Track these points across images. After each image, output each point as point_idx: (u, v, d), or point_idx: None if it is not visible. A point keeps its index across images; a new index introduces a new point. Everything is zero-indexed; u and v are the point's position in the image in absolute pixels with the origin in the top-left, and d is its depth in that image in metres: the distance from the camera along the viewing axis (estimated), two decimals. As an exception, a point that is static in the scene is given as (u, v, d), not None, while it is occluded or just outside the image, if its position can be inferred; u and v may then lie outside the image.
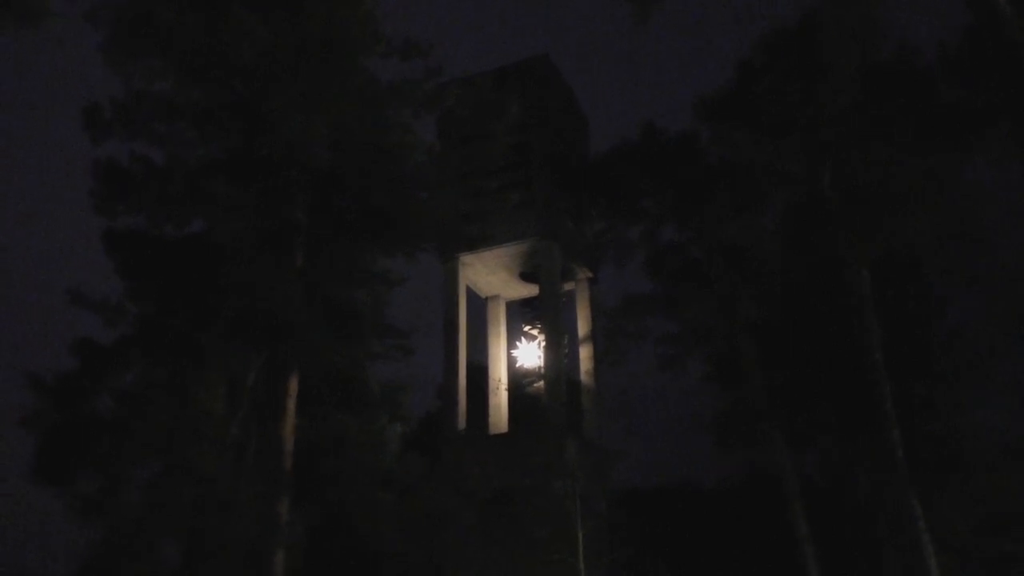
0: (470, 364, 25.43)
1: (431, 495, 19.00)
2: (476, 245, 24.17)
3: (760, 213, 19.92)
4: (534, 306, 25.83)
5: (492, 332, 27.21)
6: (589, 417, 24.25)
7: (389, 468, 18.71)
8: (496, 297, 27.26)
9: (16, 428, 18.37)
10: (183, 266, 17.94)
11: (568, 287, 26.03)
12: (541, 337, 25.20)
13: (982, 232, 17.91)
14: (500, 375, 26.45)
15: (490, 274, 25.88)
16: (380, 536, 18.89)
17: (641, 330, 22.06)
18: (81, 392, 18.23)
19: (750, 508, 22.19)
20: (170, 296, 18.03)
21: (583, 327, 25.92)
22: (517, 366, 26.39)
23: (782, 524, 19.13)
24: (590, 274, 25.97)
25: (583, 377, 25.19)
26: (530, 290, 25.85)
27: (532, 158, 24.31)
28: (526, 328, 26.46)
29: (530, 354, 26.04)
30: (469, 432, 23.80)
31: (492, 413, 25.91)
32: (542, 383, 24.72)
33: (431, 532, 19.55)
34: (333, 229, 17.90)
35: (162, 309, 18.22)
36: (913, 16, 19.83)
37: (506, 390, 26.17)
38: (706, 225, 20.53)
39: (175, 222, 17.87)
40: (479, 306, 27.32)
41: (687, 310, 20.96)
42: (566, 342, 24.47)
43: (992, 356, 19.06)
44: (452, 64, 18.77)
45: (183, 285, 17.90)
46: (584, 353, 25.48)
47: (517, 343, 26.60)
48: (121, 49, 16.03)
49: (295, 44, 16.39)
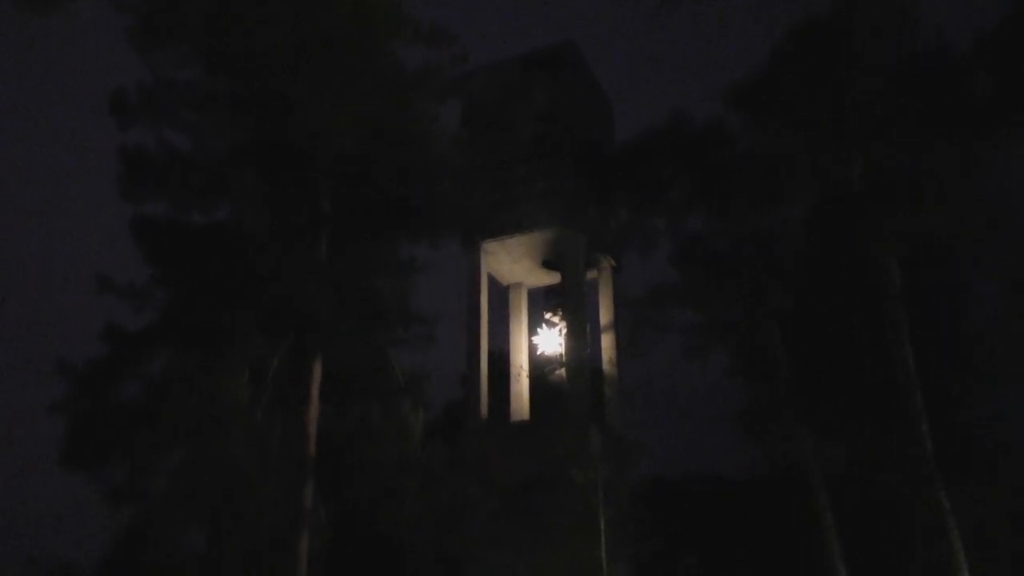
0: (491, 352, 25.41)
1: (454, 483, 19.05)
2: (499, 233, 24.09)
3: (789, 203, 19.67)
4: (556, 294, 25.72)
5: (514, 320, 27.16)
6: (611, 406, 24.16)
7: (412, 455, 18.77)
8: (518, 285, 27.19)
9: (46, 414, 18.62)
10: (209, 253, 18.01)
11: (591, 276, 25.89)
12: (562, 325, 25.10)
13: (1015, 223, 17.62)
14: (521, 363, 26.40)
15: (513, 262, 25.80)
16: (403, 523, 18.98)
17: (665, 321, 21.93)
18: (109, 378, 18.39)
19: (776, 499, 22.06)
20: (196, 283, 18.12)
21: (605, 316, 25.79)
22: (538, 354, 26.33)
23: (809, 516, 19.01)
24: (613, 263, 25.81)
25: (605, 366, 25.08)
26: (552, 278, 25.75)
27: (557, 146, 24.14)
28: (547, 316, 26.35)
29: (551, 341, 25.95)
30: (491, 420, 23.81)
31: (514, 401, 25.90)
32: (563, 371, 24.64)
33: (454, 519, 19.61)
34: (358, 217, 17.89)
35: (188, 296, 18.32)
36: (948, 4, 19.44)
37: (527, 378, 26.12)
38: (733, 215, 20.32)
39: (201, 209, 17.93)
40: (501, 294, 27.27)
41: (712, 301, 20.79)
42: (588, 331, 24.36)
43: (1024, 348, 18.80)
44: (477, 51, 18.62)
45: (209, 272, 17.97)
46: (606, 342, 25.37)
47: (538, 330, 26.52)
48: (147, 35, 16.03)
49: (321, 32, 16.33)
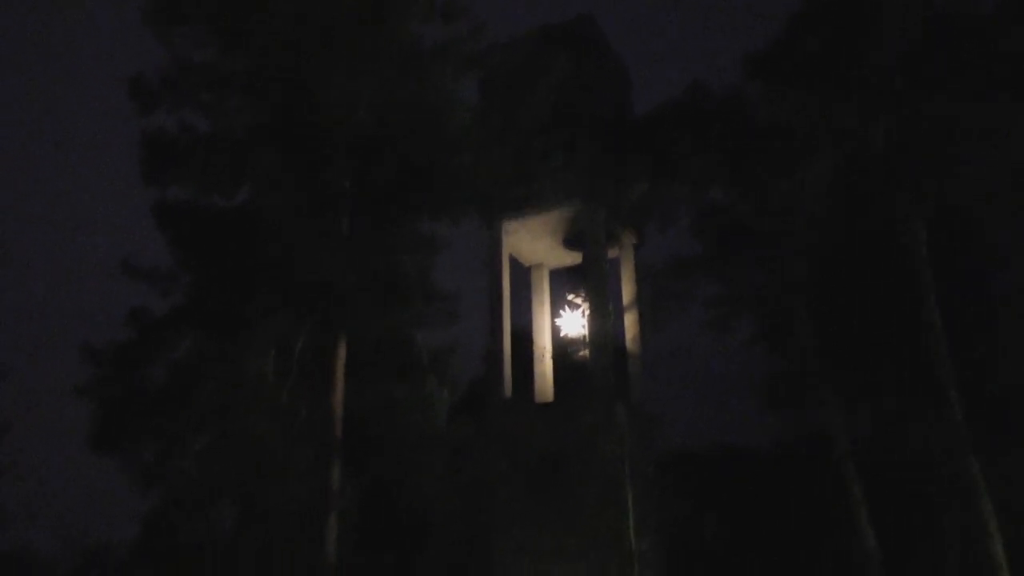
0: (514, 332, 25.36)
1: (479, 459, 19.10)
2: (520, 210, 23.95)
3: (811, 169, 19.40)
4: (578, 273, 25.62)
5: (536, 300, 27.08)
6: (635, 382, 24.06)
7: (437, 432, 18.83)
8: (540, 266, 27.09)
9: (72, 398, 18.88)
10: (231, 235, 18.13)
11: (612, 253, 25.74)
12: (585, 305, 25.00)
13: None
14: (545, 343, 26.35)
15: (534, 241, 25.69)
16: (429, 499, 19.07)
17: (688, 293, 21.77)
18: (136, 362, 18.63)
19: (801, 468, 21.91)
20: (219, 265, 18.26)
21: (628, 293, 25.62)
22: (562, 335, 26.27)
23: (835, 484, 18.87)
24: (635, 239, 25.63)
25: (628, 344, 24.96)
26: (574, 258, 25.62)
27: (576, 120, 23.94)
28: (570, 296, 26.27)
29: (574, 323, 25.87)
30: (515, 399, 23.79)
31: (538, 381, 25.85)
32: (587, 351, 24.56)
33: (480, 496, 19.67)
34: (378, 194, 17.90)
35: (212, 279, 18.47)
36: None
37: (551, 359, 26.08)
38: (755, 183, 20.09)
39: (222, 192, 18.03)
40: (522, 275, 27.20)
41: (736, 270, 20.61)
42: (611, 308, 24.24)
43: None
44: (494, 26, 18.46)
45: (232, 254, 18.10)
46: (629, 319, 25.21)
47: (561, 312, 26.44)
48: (163, 16, 16.11)
49: (337, 9, 16.32)
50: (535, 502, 20.06)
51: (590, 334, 24.09)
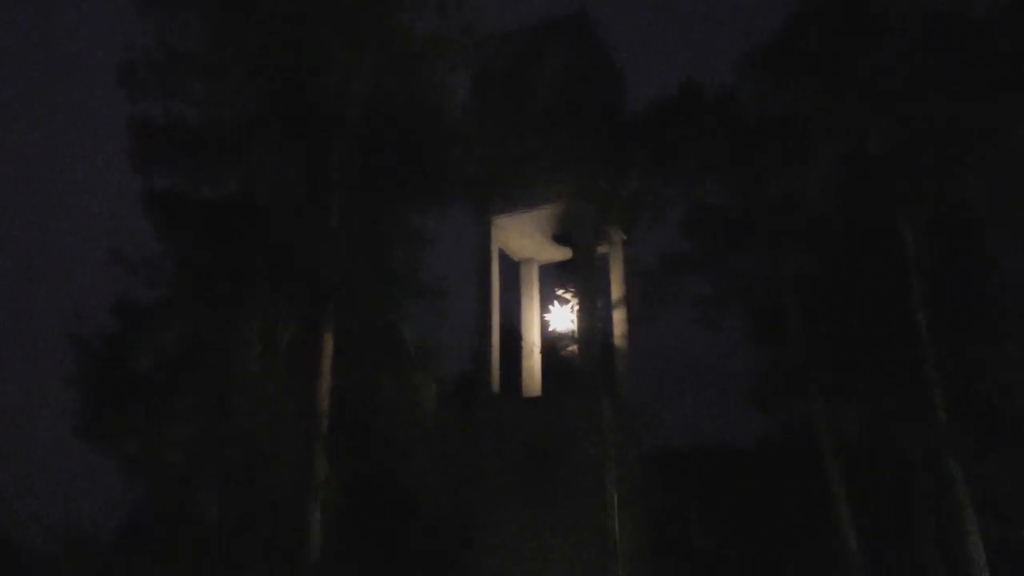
0: (503, 327, 25.36)
1: (466, 453, 19.14)
2: (510, 205, 23.94)
3: (806, 167, 19.44)
4: (568, 269, 25.64)
5: (525, 296, 27.09)
6: (623, 379, 24.13)
7: (424, 426, 18.85)
8: (529, 261, 27.09)
9: (60, 386, 18.81)
10: (219, 225, 18.06)
11: (602, 250, 25.78)
12: (574, 301, 25.04)
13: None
14: (533, 339, 26.37)
15: (523, 236, 25.69)
16: (416, 494, 19.11)
17: (677, 290, 21.81)
18: (123, 351, 18.56)
19: (786, 467, 22.02)
20: (207, 255, 18.19)
21: (616, 290, 25.66)
22: (550, 330, 26.30)
23: (819, 484, 18.97)
24: (624, 236, 25.66)
25: (617, 340, 25.01)
26: (563, 253, 25.64)
27: (568, 116, 23.92)
28: (559, 292, 26.30)
29: (563, 318, 25.90)
30: (503, 394, 23.82)
31: (525, 376, 25.87)
32: (575, 347, 24.62)
33: (465, 490, 19.71)
34: (368, 186, 17.87)
35: (200, 268, 18.40)
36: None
37: (539, 354, 26.11)
38: (748, 182, 20.12)
39: (212, 181, 17.98)
40: (512, 270, 27.20)
41: (726, 268, 20.66)
42: (600, 304, 24.28)
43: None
44: (488, 19, 18.43)
45: (220, 244, 18.03)
46: (617, 316, 25.25)
47: (550, 307, 26.47)
48: (155, 3, 16.01)
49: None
50: (521, 497, 20.10)
51: (579, 330, 24.14)
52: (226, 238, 18.23)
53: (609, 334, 24.93)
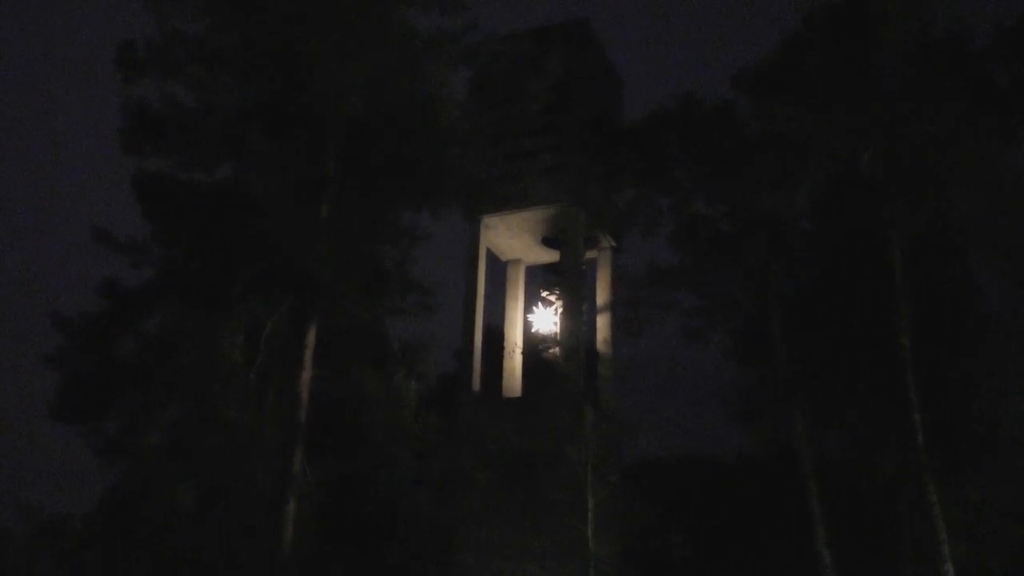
0: (488, 328, 25.36)
1: (446, 453, 19.10)
2: (501, 207, 23.95)
3: (797, 186, 19.58)
4: (555, 272, 25.66)
5: (510, 296, 27.09)
6: (605, 386, 24.17)
7: (405, 424, 18.79)
8: (517, 261, 27.10)
9: (38, 366, 18.59)
10: (210, 212, 17.93)
11: (590, 255, 25.83)
12: (558, 303, 25.07)
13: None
14: (516, 339, 26.37)
15: (512, 237, 25.71)
16: (393, 491, 19.05)
17: (664, 301, 21.88)
18: (106, 334, 18.39)
19: (766, 484, 22.16)
20: (196, 241, 18.05)
21: (602, 296, 25.73)
22: (533, 331, 26.31)
23: (798, 500, 19.10)
24: (614, 243, 25.74)
25: (600, 346, 25.05)
26: (551, 256, 25.66)
27: (564, 122, 23.97)
28: (544, 294, 26.31)
29: (546, 320, 25.92)
30: (484, 394, 23.81)
31: (507, 377, 25.89)
32: (557, 350, 24.64)
33: (444, 490, 19.68)
34: (362, 180, 17.78)
35: (187, 254, 18.26)
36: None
37: (521, 355, 26.11)
38: (740, 197, 20.23)
39: (204, 167, 17.82)
40: (499, 270, 27.19)
41: (713, 282, 20.75)
42: (584, 310, 24.32)
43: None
44: (490, 21, 18.45)
45: (209, 231, 17.90)
46: (602, 322, 25.32)
47: (534, 308, 26.48)
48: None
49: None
50: (499, 499, 20.07)
51: (562, 333, 24.19)
52: (215, 224, 18.09)
53: (592, 340, 24.99)
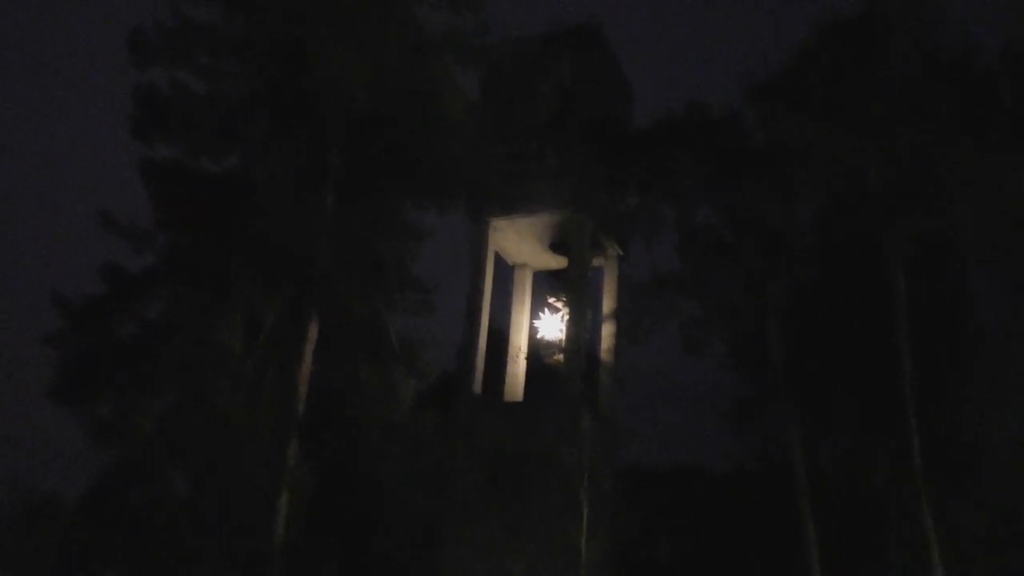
0: (491, 330, 25.29)
1: (441, 451, 19.04)
2: (508, 210, 23.93)
3: (801, 197, 19.48)
4: (561, 278, 25.60)
5: (516, 300, 27.04)
6: (605, 393, 24.06)
7: (401, 420, 18.76)
8: (524, 266, 27.06)
9: (37, 347, 18.68)
10: (215, 200, 18.00)
11: (596, 262, 25.76)
12: (564, 310, 24.99)
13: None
14: (520, 344, 26.30)
15: (520, 241, 25.67)
16: (387, 487, 19.00)
17: (667, 310, 21.76)
18: (106, 316, 18.46)
19: (759, 495, 21.95)
20: (200, 228, 18.12)
21: (608, 304, 25.64)
22: (538, 337, 26.24)
23: (791, 514, 18.91)
24: (620, 251, 25.66)
25: (603, 354, 24.95)
26: (558, 262, 25.60)
27: (573, 126, 23.92)
28: (550, 300, 26.26)
29: (552, 326, 25.84)
30: (484, 396, 23.75)
31: (509, 381, 25.81)
32: (561, 356, 24.55)
33: (437, 488, 19.61)
34: (366, 174, 17.83)
35: (191, 241, 18.33)
36: (977, 14, 19.25)
37: (525, 359, 26.03)
38: (742, 205, 20.14)
39: (212, 155, 17.91)
40: (506, 273, 27.15)
41: (714, 290, 20.64)
42: (589, 317, 24.24)
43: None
44: (501, 21, 18.45)
45: (213, 218, 17.96)
46: (606, 330, 25.22)
47: (540, 314, 26.41)
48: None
49: (345, -16, 16.25)
50: (492, 500, 20.00)
51: (566, 339, 24.08)
52: (220, 213, 18.17)
53: (596, 347, 24.90)
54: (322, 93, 16.86)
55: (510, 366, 25.98)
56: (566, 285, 24.72)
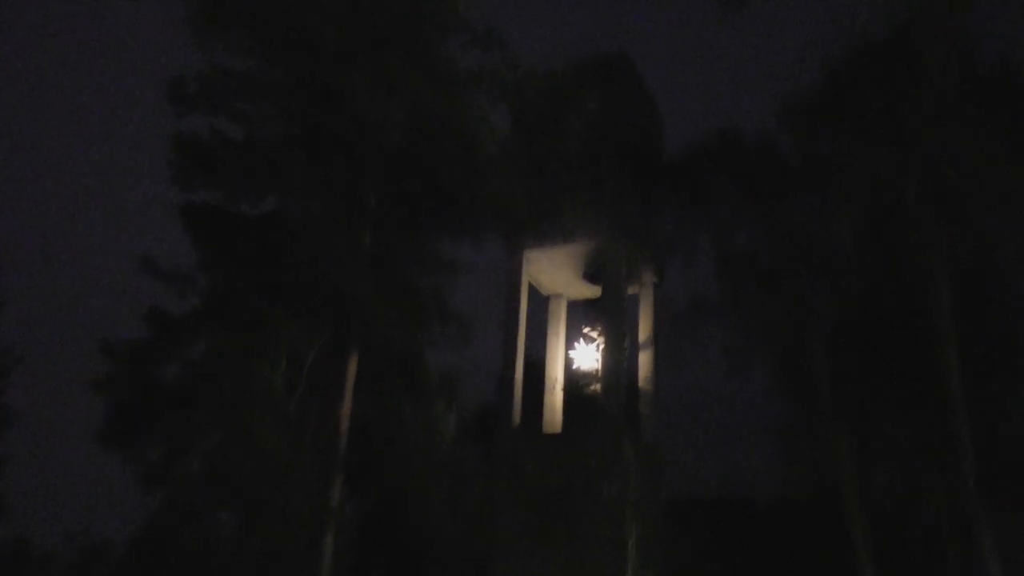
0: (528, 361, 25.23)
1: (484, 486, 18.95)
2: (543, 240, 23.98)
3: (839, 217, 19.29)
4: (596, 307, 25.52)
5: (552, 331, 26.97)
6: (646, 423, 23.82)
7: (443, 455, 18.74)
8: (558, 296, 27.03)
9: (86, 392, 19.00)
10: (255, 242, 18.32)
11: (632, 290, 25.65)
12: (600, 340, 24.87)
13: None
14: (557, 375, 26.19)
15: (554, 271, 25.67)
16: (430, 523, 18.92)
17: (706, 336, 21.59)
18: (152, 360, 18.78)
19: (809, 524, 21.50)
20: (240, 270, 18.43)
21: (644, 332, 25.46)
22: (574, 367, 26.12)
23: (842, 543, 18.46)
24: (656, 278, 25.54)
25: (641, 382, 24.75)
26: (593, 291, 25.53)
27: (605, 156, 24.01)
28: (586, 330, 26.16)
29: (588, 356, 25.72)
30: (523, 428, 23.62)
31: (547, 412, 25.66)
32: (599, 386, 24.39)
33: (481, 523, 19.48)
34: (402, 211, 18.05)
35: (232, 283, 18.63)
36: (1015, 29, 19.05)
37: (562, 391, 25.90)
38: (780, 229, 19.99)
39: (250, 198, 18.24)
40: (540, 304, 27.14)
41: (756, 315, 20.42)
42: (627, 345, 24.09)
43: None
44: (530, 56, 18.67)
45: (254, 260, 18.26)
46: (644, 358, 25.03)
47: (575, 344, 26.32)
48: (204, 24, 16.38)
49: (377, 26, 16.57)
50: (537, 534, 19.79)
51: (603, 369, 23.91)
52: (260, 254, 18.46)
53: (634, 376, 24.71)
54: (357, 133, 17.15)
55: (547, 398, 25.85)
56: (601, 314, 24.62)
